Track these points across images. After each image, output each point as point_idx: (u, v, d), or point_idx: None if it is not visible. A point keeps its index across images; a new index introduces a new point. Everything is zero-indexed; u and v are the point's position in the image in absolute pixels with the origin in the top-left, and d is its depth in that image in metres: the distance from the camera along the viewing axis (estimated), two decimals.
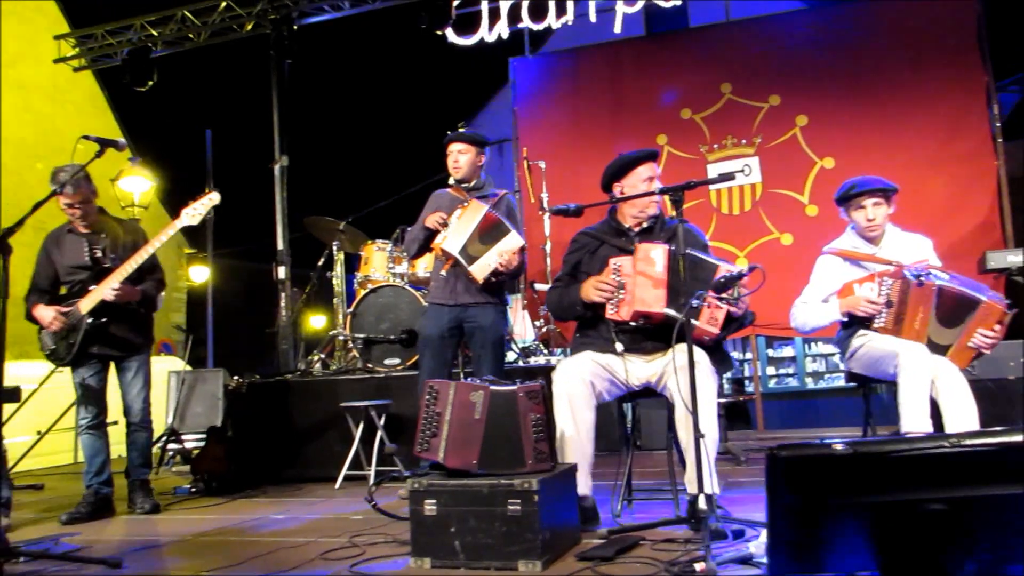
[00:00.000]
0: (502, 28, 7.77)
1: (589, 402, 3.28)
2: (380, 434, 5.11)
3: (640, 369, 3.40)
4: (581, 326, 3.58)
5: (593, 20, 7.66)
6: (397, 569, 2.86)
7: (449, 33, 7.80)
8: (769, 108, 7.43)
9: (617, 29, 7.58)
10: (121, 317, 4.43)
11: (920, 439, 1.87)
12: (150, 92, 8.95)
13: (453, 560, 2.78)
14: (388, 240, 6.36)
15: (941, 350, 3.51)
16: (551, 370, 3.77)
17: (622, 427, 3.70)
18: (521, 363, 5.97)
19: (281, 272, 7.89)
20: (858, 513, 1.83)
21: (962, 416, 3.28)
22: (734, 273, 3.16)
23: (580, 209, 3.34)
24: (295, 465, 5.69)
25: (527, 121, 8.22)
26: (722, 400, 4.68)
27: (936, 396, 3.35)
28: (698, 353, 3.06)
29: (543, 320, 6.82)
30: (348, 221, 6.71)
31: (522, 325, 7.22)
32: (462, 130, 4.62)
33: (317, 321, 14.60)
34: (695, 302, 3.04)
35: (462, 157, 4.48)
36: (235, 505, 4.80)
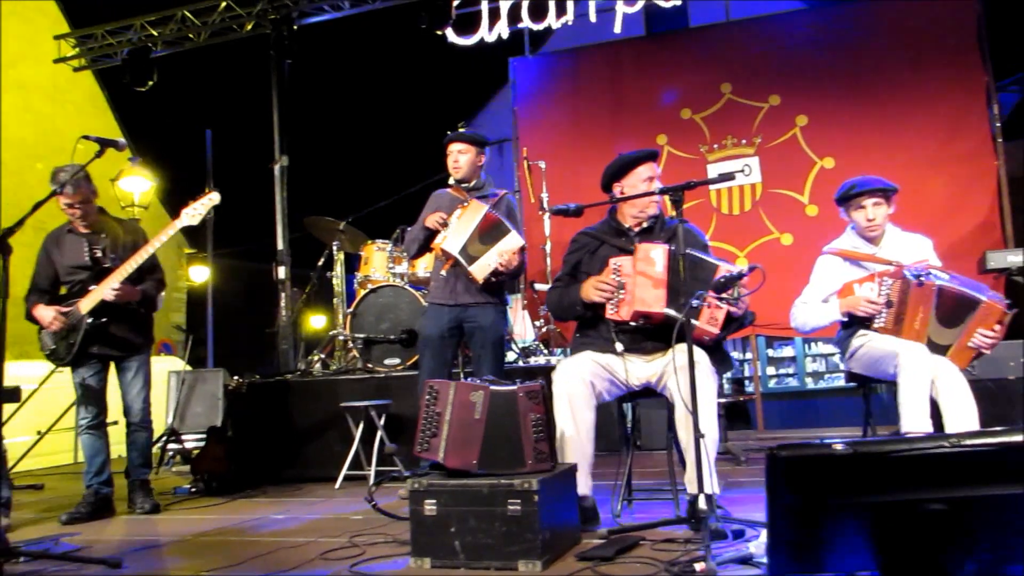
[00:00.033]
0: (502, 28, 7.77)
1: (589, 402, 3.28)
2: (380, 434, 5.11)
3: (640, 369, 3.40)
4: (581, 326, 3.58)
5: (593, 20, 7.65)
6: (397, 569, 2.86)
7: (449, 33, 7.80)
8: (769, 108, 7.43)
9: (617, 29, 7.58)
10: (121, 317, 4.43)
11: (920, 439, 1.87)
12: (150, 92, 8.95)
13: (453, 560, 2.78)
14: (388, 240, 6.36)
15: (941, 350, 3.51)
16: (551, 370, 3.76)
17: (622, 427, 3.70)
18: (521, 363, 5.97)
19: (281, 272, 7.89)
20: (858, 513, 1.83)
21: (962, 416, 3.28)
22: (734, 273, 3.16)
23: (580, 209, 3.34)
24: (295, 465, 5.69)
25: (527, 121, 8.22)
26: (722, 400, 4.69)
27: (936, 396, 3.35)
28: (698, 353, 3.06)
29: (543, 320, 6.82)
30: (348, 221, 6.72)
31: (522, 325, 7.23)
32: (462, 130, 4.62)
33: (317, 321, 14.61)
34: (695, 302, 3.04)
35: (462, 157, 4.48)
36: (235, 505, 4.80)
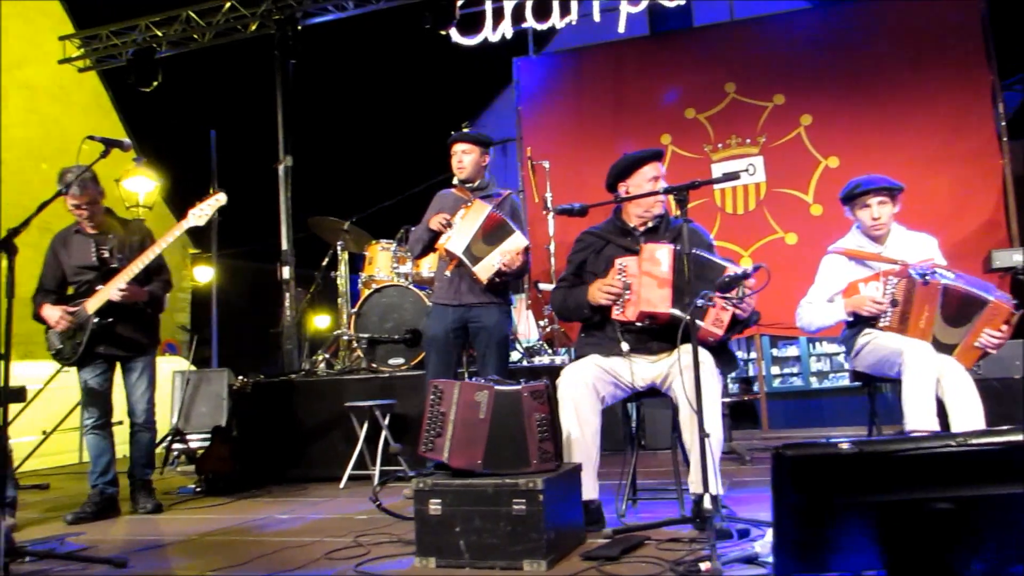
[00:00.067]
0: (506, 28, 7.76)
1: (594, 407, 3.28)
2: (384, 434, 5.11)
3: (645, 370, 3.39)
4: (586, 326, 3.58)
5: (597, 20, 7.64)
6: (402, 569, 2.86)
7: (453, 33, 7.81)
8: (773, 107, 7.42)
9: (621, 29, 7.58)
10: (127, 318, 4.44)
11: (926, 438, 1.87)
12: (154, 92, 8.96)
13: (458, 560, 2.78)
14: (392, 240, 6.36)
15: (947, 349, 3.50)
16: (555, 370, 3.77)
17: (627, 427, 3.70)
18: (525, 363, 5.97)
19: (285, 272, 7.89)
20: (864, 512, 1.83)
21: (968, 415, 3.27)
22: (739, 273, 3.16)
23: (585, 209, 3.33)
24: (300, 465, 5.69)
25: (531, 121, 8.22)
26: (727, 400, 4.68)
27: (941, 395, 3.34)
28: (703, 353, 3.06)
29: (547, 320, 6.82)
30: (352, 221, 6.72)
31: (526, 325, 7.23)
32: (466, 130, 4.62)
33: (321, 321, 14.60)
34: (699, 301, 3.04)
35: (466, 157, 4.47)
36: (240, 505, 4.81)
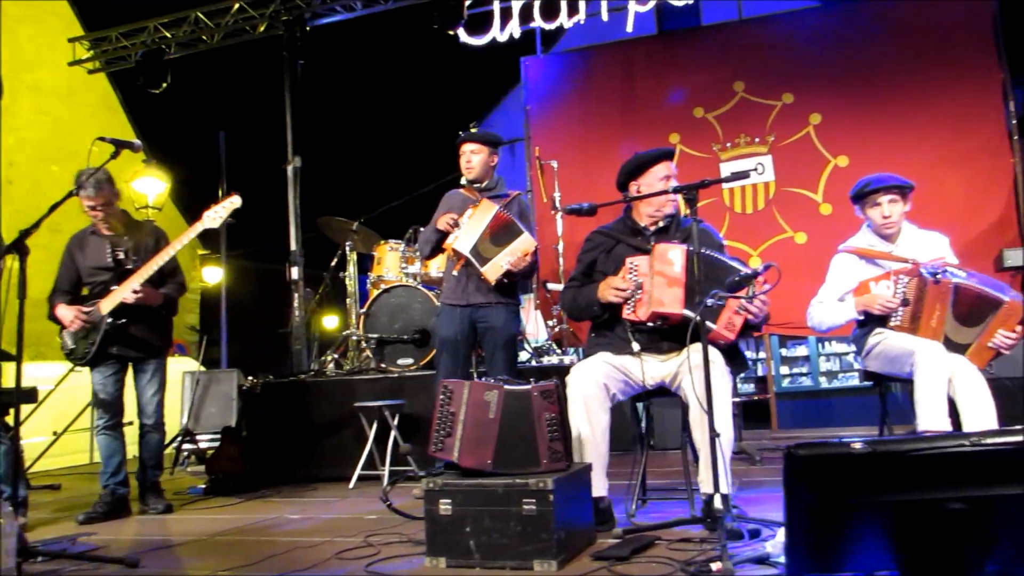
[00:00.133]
0: (514, 28, 7.76)
1: (604, 404, 3.28)
2: (394, 434, 5.11)
3: (655, 369, 3.38)
4: (596, 326, 3.57)
5: (605, 19, 7.64)
6: (412, 569, 2.86)
7: (461, 33, 7.80)
8: (782, 106, 7.39)
9: (629, 28, 7.56)
10: (141, 319, 4.46)
11: (940, 438, 1.85)
12: (164, 94, 8.99)
13: (468, 560, 2.78)
14: (401, 240, 6.36)
15: (960, 349, 3.48)
16: (564, 370, 3.76)
17: (636, 427, 3.69)
18: (534, 363, 5.97)
19: (294, 272, 7.91)
20: (877, 512, 1.82)
21: (980, 415, 3.25)
22: (749, 272, 3.15)
23: (594, 208, 3.32)
24: (309, 465, 5.70)
25: (539, 121, 8.21)
26: (737, 399, 4.66)
27: (953, 395, 3.32)
28: (713, 352, 3.06)
29: (556, 320, 6.82)
30: (361, 221, 6.73)
31: (535, 325, 7.22)
32: (474, 130, 4.62)
33: (330, 321, 14.63)
34: (710, 301, 3.03)
35: (475, 157, 4.48)
36: (250, 505, 4.82)
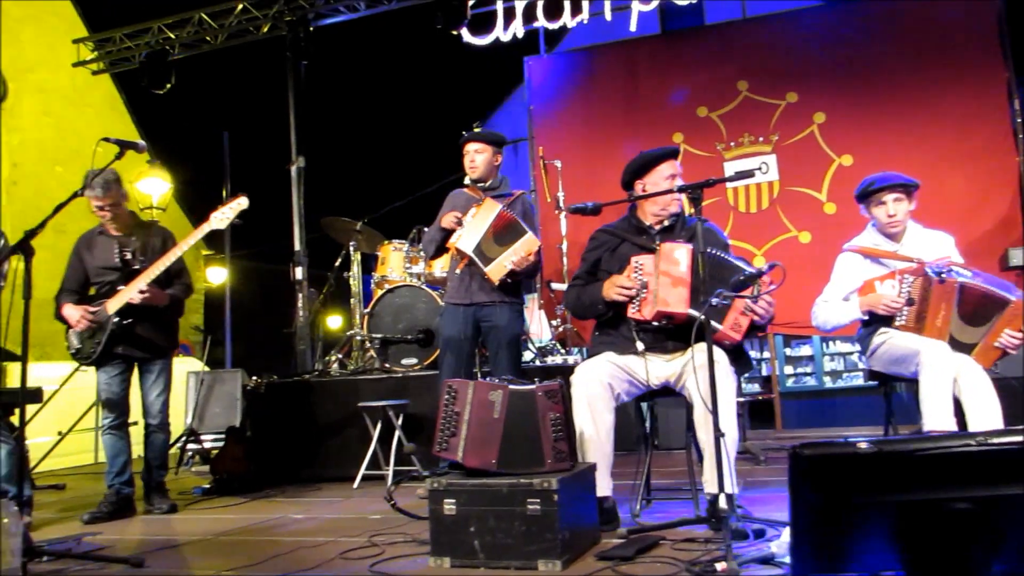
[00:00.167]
0: (517, 27, 7.76)
1: (608, 404, 3.27)
2: (398, 434, 5.12)
3: (660, 368, 3.38)
4: (601, 325, 3.56)
5: (608, 19, 7.63)
6: (416, 569, 2.86)
7: (464, 33, 7.81)
8: (786, 105, 7.39)
9: (633, 27, 7.56)
10: (147, 319, 4.47)
11: (945, 437, 1.85)
12: (168, 95, 9.00)
13: (473, 560, 2.78)
14: (405, 240, 6.36)
15: (965, 349, 3.47)
16: (568, 370, 3.75)
17: (640, 427, 3.69)
18: (538, 363, 5.96)
19: (298, 273, 7.92)
20: (883, 512, 1.81)
21: (986, 414, 3.24)
22: (754, 271, 3.14)
23: (598, 207, 3.32)
24: (313, 465, 5.71)
25: (542, 120, 8.21)
26: (741, 399, 4.66)
27: (959, 394, 3.31)
28: (717, 352, 3.05)
29: (560, 319, 6.81)
30: (365, 221, 6.73)
31: (538, 324, 7.22)
32: (478, 130, 4.62)
33: (334, 321, 14.64)
34: (714, 300, 3.03)
35: (479, 157, 4.47)
36: (254, 505, 4.83)
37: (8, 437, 4.10)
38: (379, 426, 5.21)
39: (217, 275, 14.27)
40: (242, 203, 4.49)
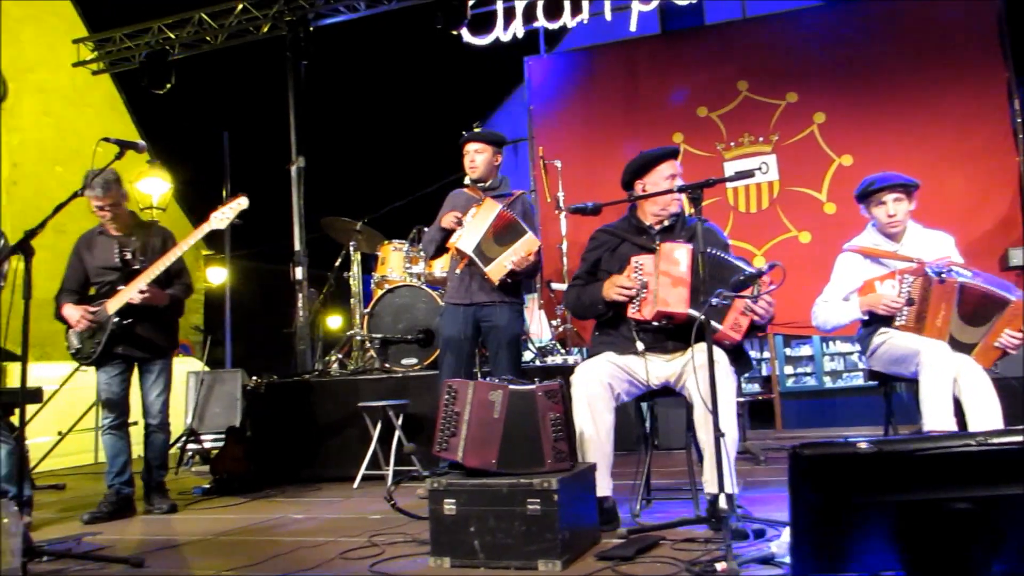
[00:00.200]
0: (517, 27, 7.76)
1: (609, 404, 3.27)
2: (398, 434, 5.12)
3: (660, 368, 3.38)
4: (601, 325, 3.56)
5: (608, 19, 7.64)
6: (416, 568, 2.86)
7: (464, 33, 7.81)
8: (786, 105, 7.39)
9: (633, 27, 7.56)
10: (147, 319, 4.47)
11: (946, 437, 1.85)
12: (168, 95, 9.00)
13: (473, 559, 2.78)
14: (405, 240, 6.36)
15: (966, 349, 3.47)
16: (568, 370, 3.75)
17: (640, 427, 3.68)
18: (538, 363, 5.96)
19: (298, 273, 7.92)
20: (883, 512, 1.81)
21: (986, 414, 3.24)
22: (754, 271, 3.14)
23: (598, 208, 3.32)
24: (313, 465, 5.71)
25: (542, 120, 8.21)
26: (741, 399, 4.65)
27: (959, 394, 3.31)
28: (717, 352, 3.05)
29: (560, 319, 6.81)
30: (365, 221, 6.73)
31: (538, 324, 7.22)
32: (478, 130, 4.62)
33: (334, 321, 14.65)
34: (714, 300, 3.03)
35: (479, 157, 4.47)
36: (254, 505, 4.82)
37: (8, 437, 4.10)
38: (379, 426, 5.21)
39: (217, 275, 14.28)
40: (242, 203, 4.49)
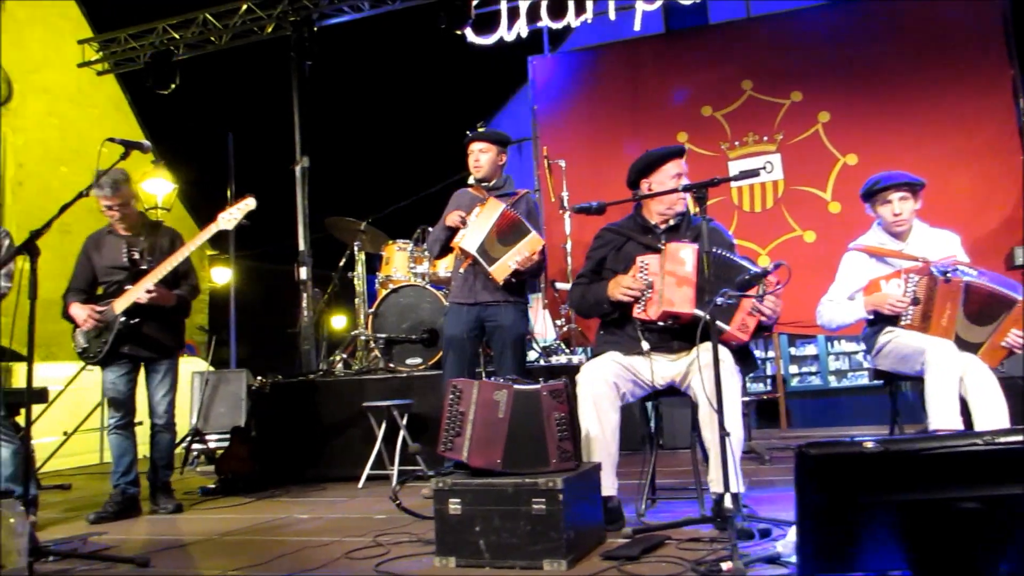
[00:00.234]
0: (521, 27, 7.77)
1: (614, 403, 3.27)
2: (403, 434, 5.12)
3: (665, 368, 3.38)
4: (606, 324, 3.56)
5: (612, 18, 7.64)
6: (422, 568, 2.86)
7: (468, 33, 7.82)
8: (791, 104, 7.38)
9: (637, 27, 7.57)
10: (154, 319, 4.47)
11: (952, 437, 1.84)
12: (172, 95, 9.02)
13: (478, 559, 2.77)
14: (409, 240, 6.37)
15: (972, 348, 3.46)
16: (573, 369, 3.75)
17: (645, 426, 3.68)
18: (542, 362, 5.96)
19: (303, 273, 7.93)
20: (889, 512, 1.81)
21: (992, 413, 3.23)
22: (759, 271, 3.14)
23: (603, 207, 3.31)
24: (318, 464, 5.71)
25: (547, 120, 8.22)
26: (746, 399, 4.65)
27: (965, 393, 3.30)
28: (723, 351, 3.04)
29: (564, 319, 6.81)
30: (369, 221, 6.73)
31: (543, 324, 7.22)
32: (482, 129, 4.62)
33: (339, 321, 14.67)
34: (720, 300, 3.02)
35: (483, 156, 4.47)
36: (260, 505, 4.83)
37: (13, 437, 4.11)
38: (384, 426, 5.21)
39: (222, 275, 14.31)
40: (250, 204, 4.49)
